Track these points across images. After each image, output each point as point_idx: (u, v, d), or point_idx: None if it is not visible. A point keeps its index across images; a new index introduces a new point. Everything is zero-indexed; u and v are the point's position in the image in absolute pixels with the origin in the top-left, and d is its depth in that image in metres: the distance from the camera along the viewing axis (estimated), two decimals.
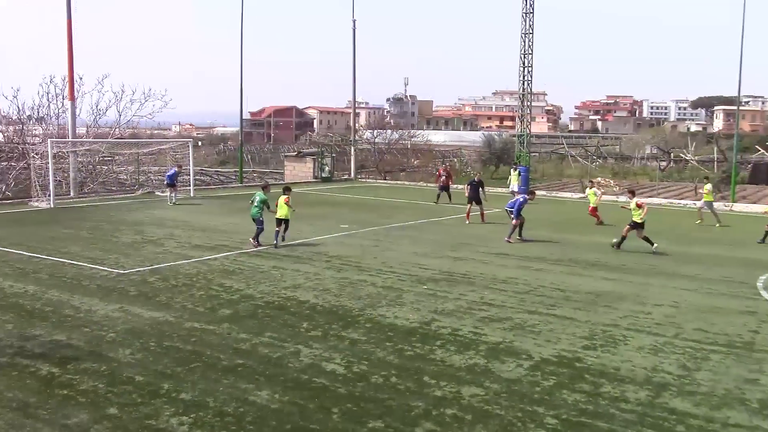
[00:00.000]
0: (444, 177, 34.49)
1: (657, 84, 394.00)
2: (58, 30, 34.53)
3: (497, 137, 62.25)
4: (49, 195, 29.70)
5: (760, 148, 69.55)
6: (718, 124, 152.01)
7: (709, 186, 29.17)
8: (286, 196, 20.54)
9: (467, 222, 26.54)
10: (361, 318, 13.02)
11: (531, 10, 40.92)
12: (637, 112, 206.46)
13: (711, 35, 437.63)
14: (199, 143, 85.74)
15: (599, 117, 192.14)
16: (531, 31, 41.13)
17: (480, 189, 27.17)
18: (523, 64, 41.69)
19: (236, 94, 43.49)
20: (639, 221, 20.88)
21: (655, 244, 20.89)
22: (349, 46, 49.03)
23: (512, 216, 22.31)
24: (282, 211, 20.47)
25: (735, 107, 45.20)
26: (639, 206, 21.00)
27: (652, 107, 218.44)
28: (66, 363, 10.20)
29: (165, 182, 32.36)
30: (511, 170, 38.21)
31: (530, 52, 41.34)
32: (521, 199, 22.69)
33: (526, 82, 42.11)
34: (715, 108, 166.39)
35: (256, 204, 20.47)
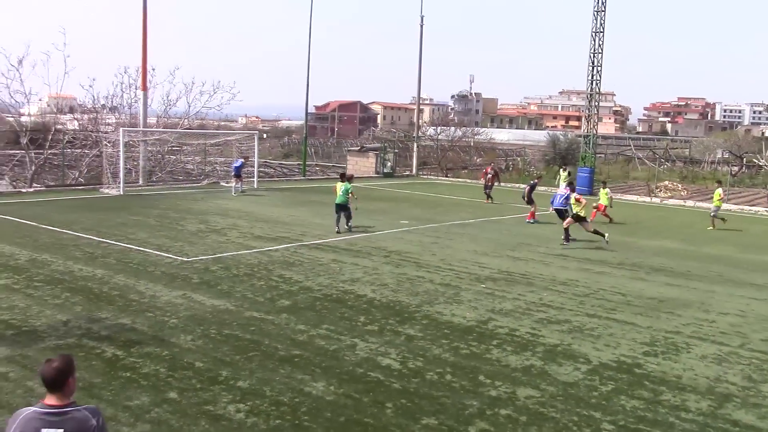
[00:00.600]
0: (490, 176, 33.83)
1: (731, 86, 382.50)
2: (134, 21, 35.39)
3: (562, 137, 61.29)
4: (119, 182, 30.59)
5: None
6: None
7: (720, 190, 28.52)
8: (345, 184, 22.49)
9: (528, 221, 26.36)
10: (418, 314, 13.03)
11: (603, 8, 40.11)
12: (709, 115, 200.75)
13: None
14: (265, 135, 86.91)
15: (669, 119, 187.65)
16: (602, 30, 40.34)
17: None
18: (592, 63, 40.95)
19: (302, 88, 43.92)
20: (582, 215, 21.46)
21: (606, 235, 21.34)
22: (416, 43, 49.00)
23: (567, 214, 22.39)
24: (341, 198, 22.26)
25: None
26: (578, 200, 21.58)
27: (725, 110, 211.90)
28: (130, 346, 10.51)
29: (232, 173, 32.94)
30: (561, 170, 37.90)
31: (600, 51, 40.58)
32: (565, 194, 22.70)
33: (594, 82, 41.35)
34: None
35: (341, 193, 22.22)
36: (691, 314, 14.01)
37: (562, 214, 22.74)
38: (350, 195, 22.28)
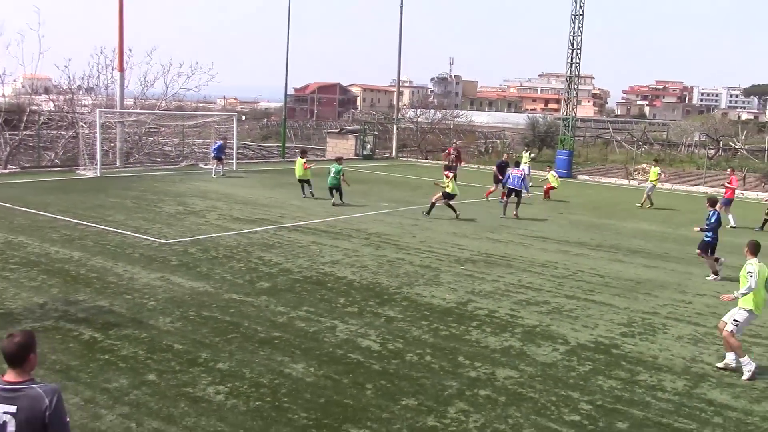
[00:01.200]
0: (453, 156, 33.62)
1: (708, 70, 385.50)
2: (110, 0, 34.80)
3: (541, 120, 61.47)
4: (96, 164, 30.24)
5: None
6: None
7: (656, 169, 29.45)
8: (305, 161, 25.45)
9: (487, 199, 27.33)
10: (398, 296, 13.06)
11: None
12: (686, 99, 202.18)
13: (767, 21, 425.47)
14: (243, 117, 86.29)
15: (647, 102, 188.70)
16: (581, 12, 40.35)
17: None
18: (572, 46, 41.00)
19: (282, 69, 43.52)
20: (450, 192, 22.33)
21: (458, 213, 22.31)
22: (396, 25, 48.75)
23: (524, 191, 23.77)
24: (300, 173, 25.32)
25: None
26: (446, 176, 22.61)
27: (702, 94, 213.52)
28: (108, 329, 10.43)
29: (212, 155, 32.69)
30: (524, 151, 37.86)
31: (579, 33, 40.62)
32: (521, 175, 23.78)
33: (573, 65, 41.44)
34: None
35: (333, 174, 24.02)
36: (668, 295, 14.17)
37: (518, 194, 23.59)
38: (342, 178, 24.04)
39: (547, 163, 38.60)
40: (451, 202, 22.45)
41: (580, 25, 40.54)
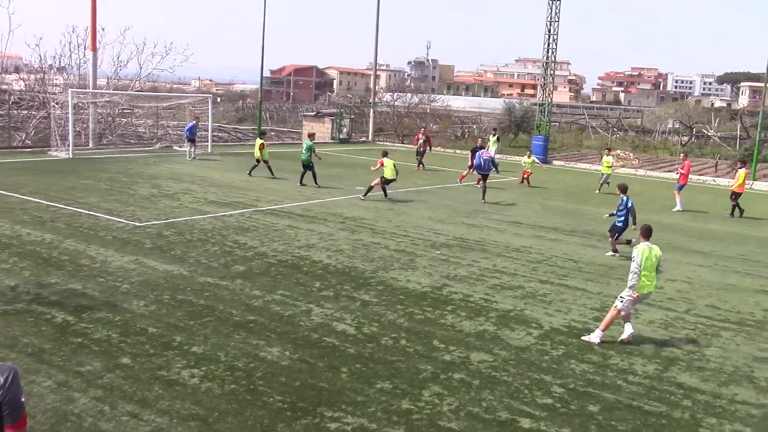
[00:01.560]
0: (422, 141, 33.67)
1: (683, 57, 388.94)
2: None
3: (518, 105, 61.62)
4: (68, 145, 29.86)
5: None
6: (743, 100, 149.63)
7: (608, 158, 29.51)
8: (261, 142, 26.68)
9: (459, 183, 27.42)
10: (373, 280, 13.08)
11: None
12: (661, 86, 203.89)
13: (740, 9, 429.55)
14: (219, 99, 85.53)
15: (622, 89, 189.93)
16: None
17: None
18: (549, 31, 41.10)
19: (257, 50, 43.17)
20: (388, 177, 22.38)
21: (363, 195, 22.56)
22: (373, 7, 48.50)
23: (494, 170, 24.43)
24: (258, 154, 26.41)
25: (761, 84, 44.46)
26: (381, 164, 22.51)
27: (676, 81, 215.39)
28: (81, 312, 10.34)
29: (185, 136, 32.41)
30: (491, 136, 37.58)
31: (557, 19, 40.74)
32: (489, 157, 24.33)
33: (550, 50, 41.56)
34: (741, 84, 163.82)
35: (304, 150, 24.49)
36: None
37: (486, 177, 24.16)
38: (314, 153, 24.45)
39: (524, 149, 38.81)
40: (387, 187, 22.72)
41: (558, 10, 40.66)
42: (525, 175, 29.19)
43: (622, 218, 16.36)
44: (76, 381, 8.02)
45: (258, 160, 26.57)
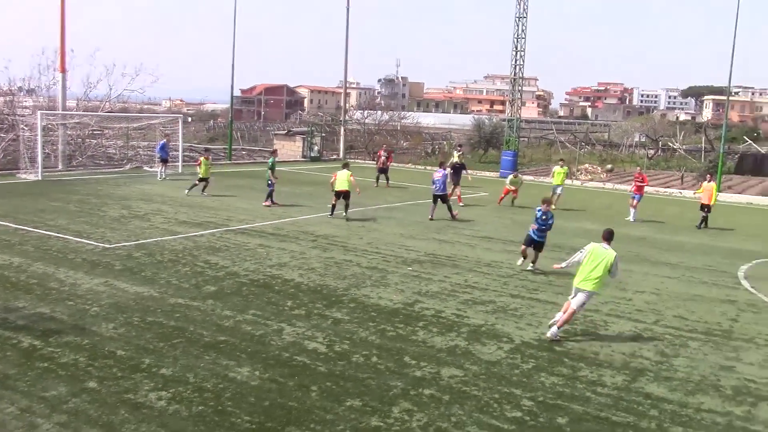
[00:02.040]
0: (384, 158, 33.59)
1: (648, 72, 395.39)
2: (52, 2, 33.96)
3: (487, 121, 62.16)
4: (38, 167, 29.53)
5: (747, 139, 69.84)
6: (707, 113, 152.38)
7: (558, 168, 28.78)
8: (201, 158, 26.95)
9: (460, 205, 26.60)
10: (345, 298, 13.09)
11: None
12: (627, 100, 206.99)
13: (704, 24, 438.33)
14: (189, 119, 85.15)
15: (589, 104, 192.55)
16: (525, 15, 41.08)
17: (463, 171, 28.63)
18: (516, 48, 41.63)
19: (228, 71, 43.14)
20: (337, 189, 22.25)
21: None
22: (342, 25, 48.67)
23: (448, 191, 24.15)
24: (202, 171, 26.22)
25: (724, 97, 45.34)
26: (335, 176, 22.43)
27: (642, 95, 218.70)
28: (48, 336, 10.22)
29: (158, 156, 32.19)
30: (454, 151, 37.46)
31: (523, 36, 41.30)
32: (441, 178, 23.69)
33: (518, 67, 42.06)
34: (705, 98, 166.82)
35: (268, 169, 24.77)
36: (609, 293, 14.50)
37: (444, 198, 23.65)
38: (270, 173, 24.48)
39: (494, 164, 39.11)
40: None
41: (524, 27, 41.23)
42: (504, 193, 28.11)
43: (542, 233, 16.44)
44: (39, 406, 7.92)
45: (201, 179, 26.21)
